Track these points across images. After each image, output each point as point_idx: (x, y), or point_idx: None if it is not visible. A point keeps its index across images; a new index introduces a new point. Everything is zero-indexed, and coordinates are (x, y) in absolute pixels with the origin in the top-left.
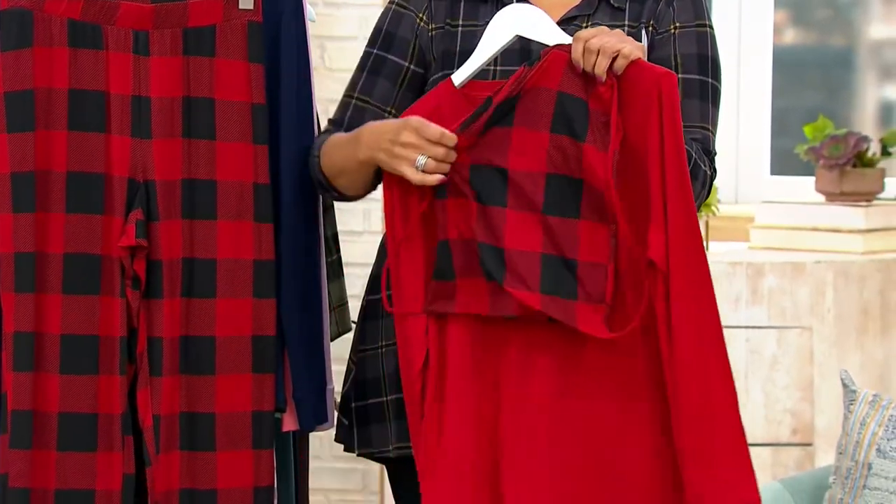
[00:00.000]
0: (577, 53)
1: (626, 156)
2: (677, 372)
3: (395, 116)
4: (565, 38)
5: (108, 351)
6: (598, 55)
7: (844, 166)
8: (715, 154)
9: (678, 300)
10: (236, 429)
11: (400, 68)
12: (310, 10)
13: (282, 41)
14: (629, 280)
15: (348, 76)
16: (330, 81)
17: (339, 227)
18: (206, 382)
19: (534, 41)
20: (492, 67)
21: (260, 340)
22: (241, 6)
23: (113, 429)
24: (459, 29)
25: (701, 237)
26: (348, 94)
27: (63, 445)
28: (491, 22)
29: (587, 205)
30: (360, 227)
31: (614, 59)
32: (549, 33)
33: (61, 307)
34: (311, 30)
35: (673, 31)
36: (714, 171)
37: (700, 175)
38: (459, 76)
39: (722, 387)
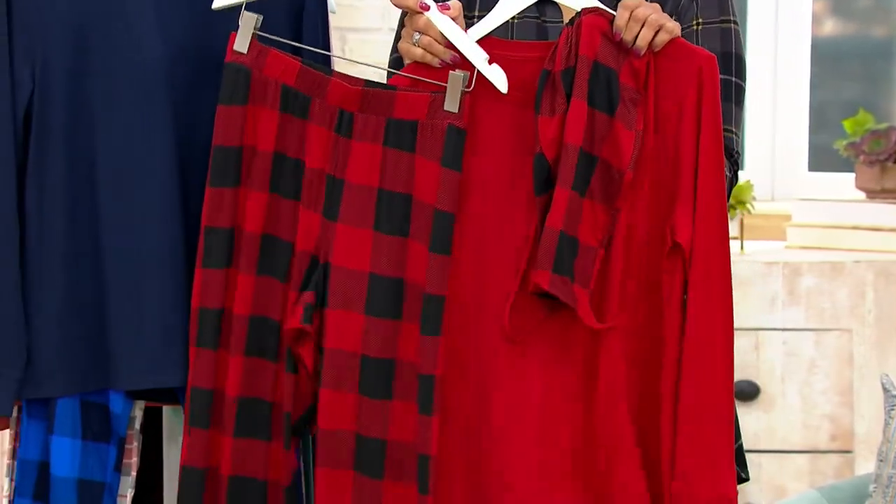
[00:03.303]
0: (621, 20)
1: (652, 136)
2: (685, 360)
3: None
4: (596, 4)
5: (277, 419)
6: (643, 26)
7: (886, 162)
8: (738, 155)
9: (698, 289)
10: None
11: None
12: (331, 1)
13: (304, 32)
14: (628, 268)
15: (370, 69)
16: (351, 74)
17: None
18: (374, 486)
19: (549, 19)
20: (507, 38)
21: (418, 457)
22: (445, 107)
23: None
24: (475, 19)
25: (728, 228)
26: None
27: None
28: None
29: (597, 184)
30: None
31: (656, 33)
32: None
33: (242, 368)
34: (332, 21)
35: (696, 27)
36: (735, 174)
37: None
38: (477, 32)
39: (726, 380)
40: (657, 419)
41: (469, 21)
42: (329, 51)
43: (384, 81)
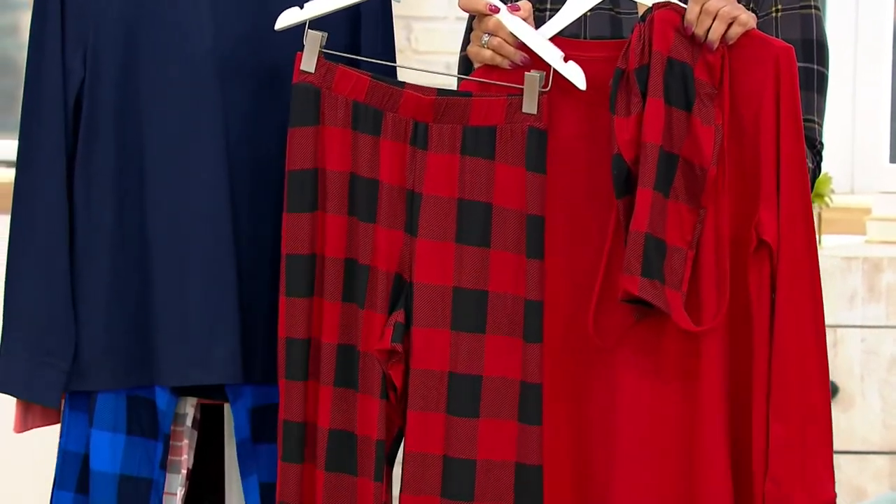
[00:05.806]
0: (692, 14)
1: (729, 132)
2: (776, 361)
3: None
4: None
5: (364, 452)
6: (714, 19)
7: None
8: (822, 146)
9: (786, 286)
10: None
11: None
12: None
13: (363, 43)
14: (718, 267)
15: (435, 58)
16: (416, 64)
17: None
18: None
19: (622, 11)
20: (581, 32)
21: (523, 470)
22: (524, 109)
23: None
24: (547, 13)
25: (814, 224)
26: None
27: None
28: None
29: (680, 184)
30: None
31: (728, 26)
32: None
33: (331, 399)
34: (397, 10)
35: (775, 13)
36: (818, 164)
37: None
38: (549, 30)
39: (820, 379)
40: (748, 420)
41: (541, 15)
42: (391, 59)
43: (451, 79)
